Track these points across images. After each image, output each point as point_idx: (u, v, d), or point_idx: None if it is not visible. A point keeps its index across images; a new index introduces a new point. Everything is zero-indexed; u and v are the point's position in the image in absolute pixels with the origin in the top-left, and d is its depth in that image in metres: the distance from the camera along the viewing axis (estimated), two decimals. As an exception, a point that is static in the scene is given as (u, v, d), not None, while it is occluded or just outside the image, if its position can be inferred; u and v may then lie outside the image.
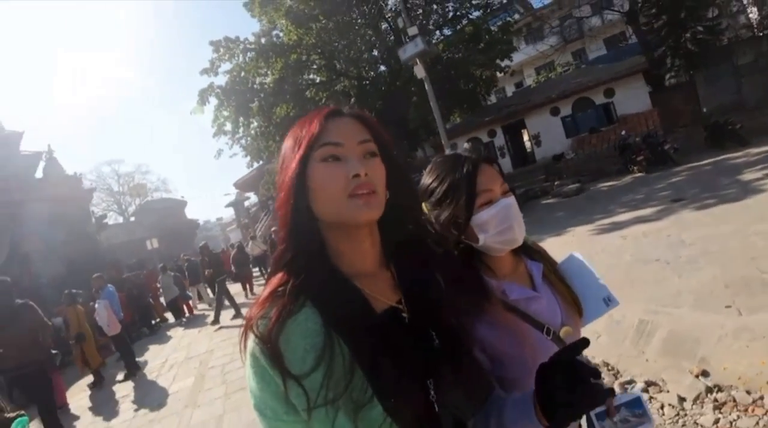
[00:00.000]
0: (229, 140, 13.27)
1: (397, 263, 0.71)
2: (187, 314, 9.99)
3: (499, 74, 17.13)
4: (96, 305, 6.24)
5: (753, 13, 14.48)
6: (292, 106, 11.32)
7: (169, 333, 8.93)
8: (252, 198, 28.44)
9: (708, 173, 7.97)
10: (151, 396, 5.09)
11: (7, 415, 3.53)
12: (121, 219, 36.06)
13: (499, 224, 0.83)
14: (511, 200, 0.85)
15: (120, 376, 6.29)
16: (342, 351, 0.58)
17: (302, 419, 0.57)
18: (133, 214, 35.45)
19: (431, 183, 0.90)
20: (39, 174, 20.51)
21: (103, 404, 5.33)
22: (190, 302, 10.31)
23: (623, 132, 10.98)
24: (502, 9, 16.75)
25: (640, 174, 10.05)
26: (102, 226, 17.01)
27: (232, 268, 10.06)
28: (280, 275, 0.65)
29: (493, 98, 26.88)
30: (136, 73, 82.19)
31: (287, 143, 0.67)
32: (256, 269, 12.30)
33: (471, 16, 15.56)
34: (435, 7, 14.93)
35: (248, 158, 14.70)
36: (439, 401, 0.63)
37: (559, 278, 0.93)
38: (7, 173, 14.44)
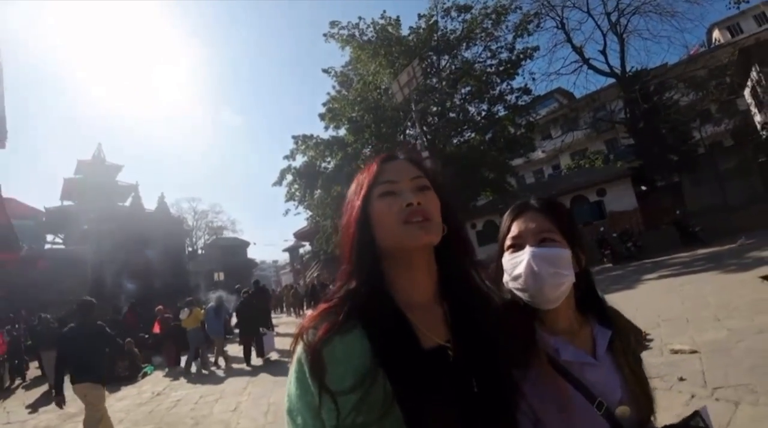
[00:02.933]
0: (296, 204, 18.26)
1: (451, 300, 0.74)
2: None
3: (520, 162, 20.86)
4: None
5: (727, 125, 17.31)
6: (347, 189, 15.77)
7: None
8: (306, 247, 33.48)
9: (642, 270, 10.93)
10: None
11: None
12: (189, 249, 43.25)
13: (511, 271, 0.84)
14: (538, 251, 0.82)
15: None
16: (383, 382, 0.61)
17: None
18: (203, 248, 42.32)
19: (501, 226, 0.94)
20: (127, 203, 27.43)
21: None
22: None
23: (601, 228, 14.03)
24: (529, 107, 20.55)
25: (608, 264, 13.05)
26: (193, 257, 22.67)
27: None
28: (336, 299, 0.70)
29: (532, 179, 30.54)
30: (224, 125, 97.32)
31: (351, 188, 0.78)
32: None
33: (498, 115, 19.63)
34: (454, 115, 19.24)
35: (309, 215, 19.57)
36: None
37: (631, 355, 0.87)
38: (106, 202, 20.53)
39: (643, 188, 15.92)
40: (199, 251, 40.94)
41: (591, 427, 0.74)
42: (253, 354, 8.57)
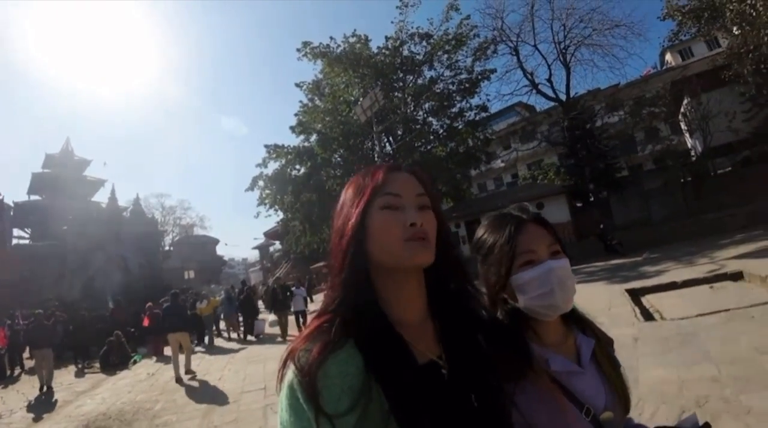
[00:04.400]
0: (267, 207, 20.17)
1: (442, 318, 0.75)
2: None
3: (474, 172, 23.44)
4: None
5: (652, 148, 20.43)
6: (316, 195, 18.01)
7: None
8: (277, 245, 35.24)
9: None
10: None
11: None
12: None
13: (538, 287, 0.85)
14: (558, 263, 0.86)
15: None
16: (380, 399, 0.61)
17: None
18: (172, 244, 43.23)
19: (480, 237, 0.95)
20: (95, 198, 28.43)
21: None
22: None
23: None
24: (485, 123, 22.98)
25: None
26: (166, 256, 24.19)
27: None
28: (327, 315, 0.70)
29: (492, 186, 33.31)
30: (194, 122, 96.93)
31: (349, 191, 0.76)
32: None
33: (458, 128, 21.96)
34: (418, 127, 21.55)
35: (279, 216, 21.53)
36: None
37: (610, 361, 0.93)
38: (75, 197, 21.57)
39: (579, 204, 18.66)
40: (168, 248, 41.99)
41: None
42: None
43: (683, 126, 21.84)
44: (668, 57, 30.52)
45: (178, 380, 7.66)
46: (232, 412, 5.41)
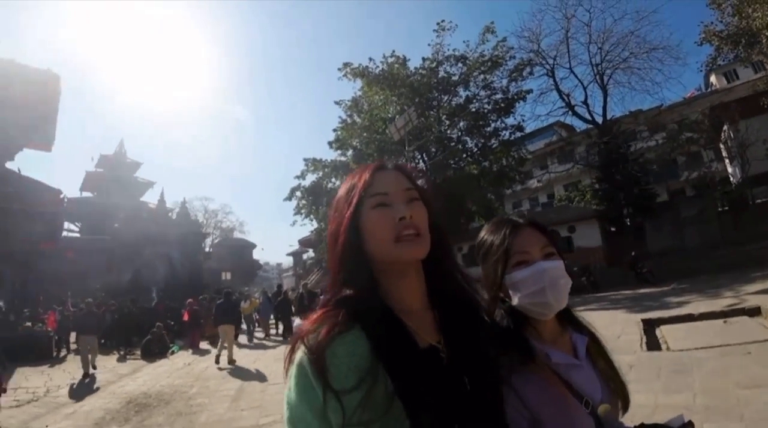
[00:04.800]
0: (302, 217, 21.30)
1: (441, 307, 0.80)
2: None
3: (508, 192, 23.62)
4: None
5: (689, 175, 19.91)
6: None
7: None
8: (310, 253, 36.50)
9: (580, 302, 13.50)
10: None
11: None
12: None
13: (530, 285, 0.89)
14: (550, 264, 0.91)
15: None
16: (384, 380, 0.65)
17: None
18: (212, 246, 45.57)
19: (480, 241, 1.01)
20: (144, 199, 30.48)
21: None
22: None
23: (565, 261, 16.67)
24: (519, 142, 23.16)
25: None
26: (207, 257, 25.85)
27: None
28: (331, 305, 0.75)
29: (528, 205, 33.13)
30: (240, 131, 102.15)
31: (341, 191, 0.81)
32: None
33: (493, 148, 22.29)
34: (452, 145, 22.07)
35: (314, 225, 22.60)
36: None
37: (604, 357, 0.98)
38: (125, 196, 23.33)
39: (613, 229, 18.52)
40: (208, 249, 44.27)
41: (583, 424, 0.84)
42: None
43: (723, 153, 21.19)
44: (713, 79, 29.65)
45: (231, 362, 9.10)
46: (257, 400, 6.17)
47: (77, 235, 31.31)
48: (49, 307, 15.48)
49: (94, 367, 10.08)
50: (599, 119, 20.62)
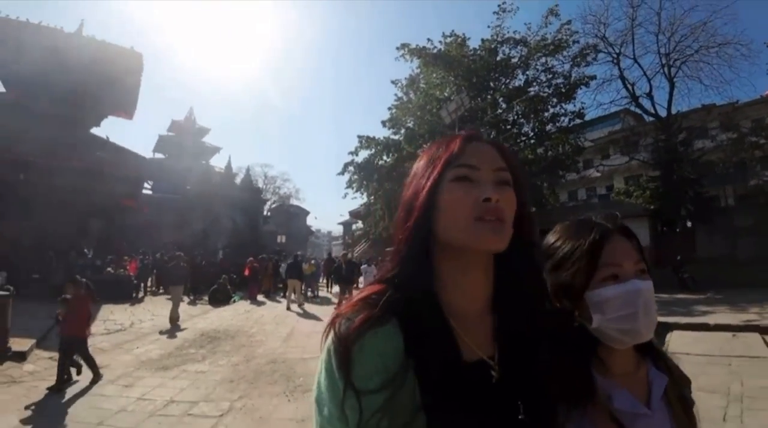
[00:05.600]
0: (354, 191, 22.90)
1: (503, 314, 0.70)
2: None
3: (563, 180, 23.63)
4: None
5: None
6: (398, 185, 20.13)
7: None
8: (359, 224, 38.48)
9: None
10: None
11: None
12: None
13: (620, 307, 0.76)
14: (645, 283, 0.78)
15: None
16: (413, 388, 0.59)
17: None
18: (269, 211, 49.03)
19: (553, 244, 0.87)
20: (211, 162, 33.43)
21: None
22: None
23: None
24: (578, 129, 22.88)
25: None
26: (265, 221, 28.54)
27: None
28: (379, 286, 0.68)
29: (584, 195, 32.52)
30: (300, 104, 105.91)
31: (421, 162, 0.73)
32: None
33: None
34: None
35: (364, 199, 24.20)
36: None
37: (681, 403, 0.84)
38: (193, 160, 26.17)
39: (664, 228, 18.37)
40: (266, 213, 47.71)
41: None
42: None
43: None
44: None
45: (301, 304, 12.24)
46: (303, 342, 7.88)
47: (150, 192, 35.33)
48: (128, 256, 18.40)
49: (177, 317, 10.52)
50: (663, 112, 20.01)
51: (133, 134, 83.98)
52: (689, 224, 18.54)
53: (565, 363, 0.72)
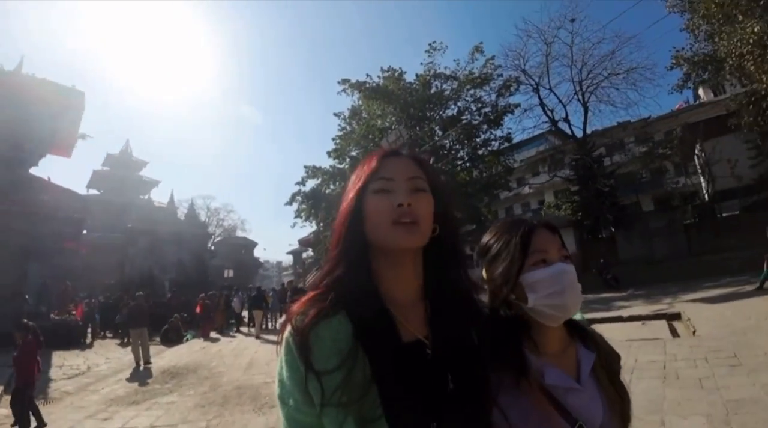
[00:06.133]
0: (302, 220, 23.62)
1: (434, 301, 0.83)
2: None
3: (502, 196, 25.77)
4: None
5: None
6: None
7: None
8: (309, 252, 38.79)
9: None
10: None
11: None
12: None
13: (550, 285, 0.88)
14: (568, 266, 0.91)
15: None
16: (364, 365, 0.70)
17: (317, 414, 0.70)
18: (214, 245, 47.88)
19: (488, 241, 1.00)
20: (147, 197, 32.64)
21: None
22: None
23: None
24: (507, 152, 25.29)
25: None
26: (212, 255, 28.24)
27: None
28: (321, 288, 0.79)
29: (520, 210, 35.23)
30: (244, 131, 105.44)
31: (352, 177, 0.86)
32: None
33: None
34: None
35: (313, 227, 24.96)
36: None
37: (611, 377, 0.95)
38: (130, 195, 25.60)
39: (588, 236, 20.69)
40: (211, 247, 46.58)
41: None
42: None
43: (698, 168, 23.26)
44: (701, 92, 31.47)
45: (258, 336, 12.68)
46: (264, 369, 8.44)
47: (85, 232, 33.71)
48: (71, 300, 17.79)
49: (148, 362, 10.32)
50: (580, 133, 22.75)
51: (63, 168, 78.88)
52: (613, 230, 20.98)
53: (499, 343, 0.84)
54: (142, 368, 9.98)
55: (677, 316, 10.02)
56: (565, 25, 22.18)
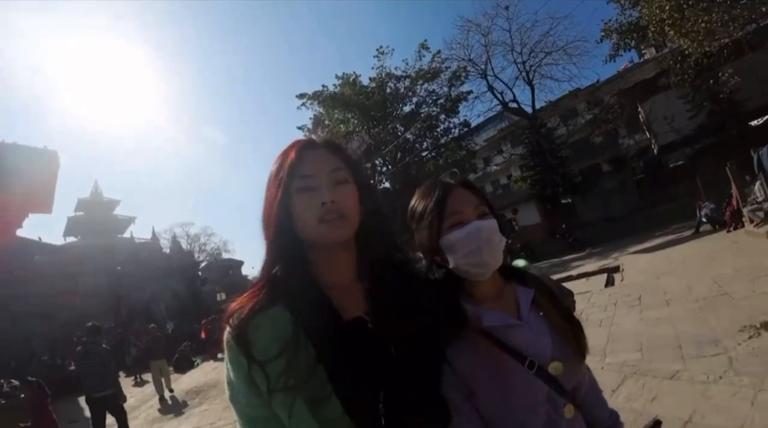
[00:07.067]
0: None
1: (372, 279, 0.88)
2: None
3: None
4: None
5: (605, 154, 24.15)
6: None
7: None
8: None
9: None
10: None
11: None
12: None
13: (466, 245, 0.90)
14: (484, 223, 0.91)
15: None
16: (307, 349, 0.73)
17: (267, 404, 0.74)
18: (202, 270, 48.73)
19: (412, 206, 1.02)
20: (129, 235, 33.57)
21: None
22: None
23: (509, 241, 20.86)
24: (467, 136, 27.25)
25: (509, 266, 19.86)
26: (204, 283, 29.59)
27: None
28: (258, 284, 0.83)
29: (491, 188, 37.27)
30: (211, 152, 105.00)
31: (272, 168, 0.87)
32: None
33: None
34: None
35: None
36: (386, 415, 0.75)
37: (559, 310, 0.98)
38: (107, 237, 26.65)
39: (549, 206, 22.83)
40: (199, 273, 47.54)
41: (525, 388, 0.83)
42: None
43: (644, 126, 25.55)
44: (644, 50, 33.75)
45: None
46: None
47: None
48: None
49: (171, 389, 10.97)
50: (530, 110, 24.79)
51: (36, 219, 77.66)
52: (570, 198, 23.11)
53: (435, 300, 0.89)
54: (167, 396, 10.79)
55: (617, 269, 11.69)
56: (500, 12, 24.03)
